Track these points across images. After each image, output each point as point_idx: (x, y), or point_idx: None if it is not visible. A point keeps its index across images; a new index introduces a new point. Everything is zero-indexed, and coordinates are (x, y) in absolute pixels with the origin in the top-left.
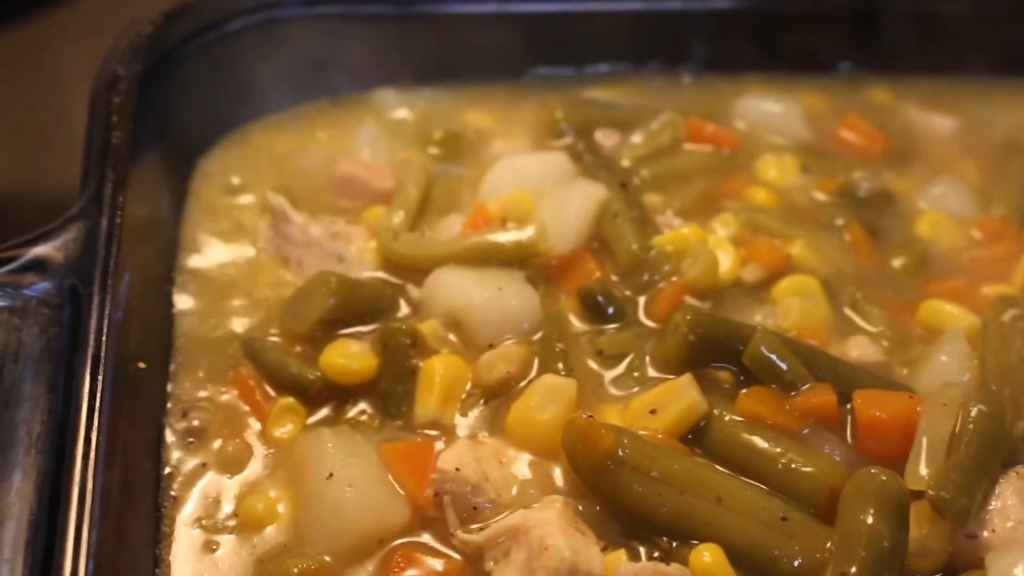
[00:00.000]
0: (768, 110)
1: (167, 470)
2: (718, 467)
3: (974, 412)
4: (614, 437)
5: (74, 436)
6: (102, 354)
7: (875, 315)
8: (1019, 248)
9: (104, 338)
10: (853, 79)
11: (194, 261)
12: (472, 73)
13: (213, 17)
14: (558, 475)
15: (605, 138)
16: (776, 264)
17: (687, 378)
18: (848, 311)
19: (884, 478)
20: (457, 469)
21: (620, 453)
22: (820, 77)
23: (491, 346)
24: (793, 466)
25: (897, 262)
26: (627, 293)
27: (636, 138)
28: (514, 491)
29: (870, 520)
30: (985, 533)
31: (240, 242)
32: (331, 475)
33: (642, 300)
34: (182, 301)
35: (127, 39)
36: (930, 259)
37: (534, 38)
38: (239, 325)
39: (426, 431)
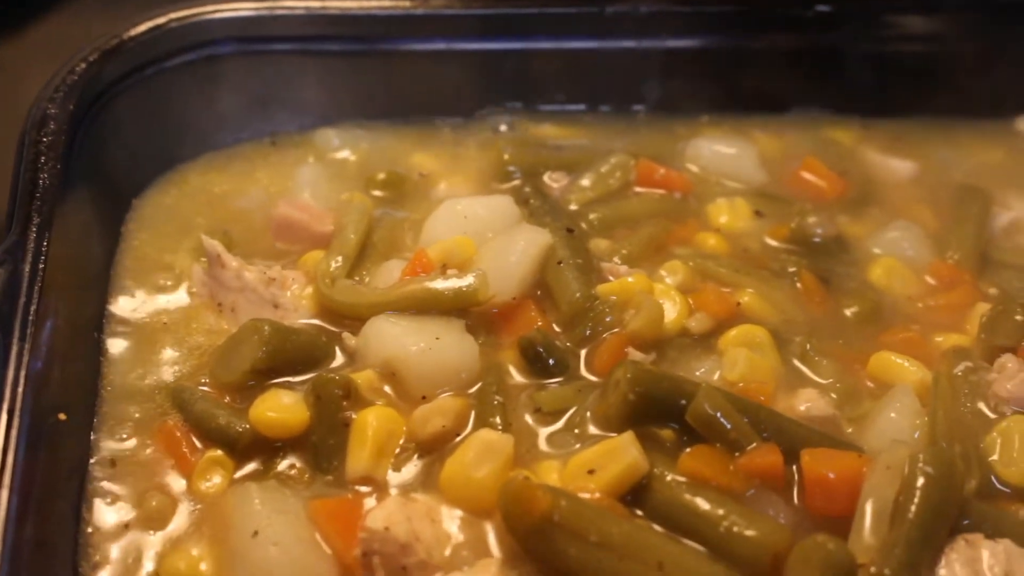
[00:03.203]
0: (721, 152)
1: (88, 529)
2: (659, 530)
3: (920, 477)
4: (551, 499)
5: None
6: (17, 406)
7: (825, 367)
8: (973, 295)
9: (20, 389)
10: (811, 120)
11: (125, 306)
12: (420, 113)
13: (151, 54)
14: (493, 536)
15: (553, 181)
16: (724, 313)
17: (628, 436)
18: (797, 362)
19: (830, 547)
20: (386, 528)
21: (557, 516)
22: (776, 118)
23: (425, 398)
24: (736, 529)
25: (850, 311)
26: (568, 344)
27: (585, 181)
28: (447, 552)
29: None
30: None
31: (173, 287)
32: (256, 533)
33: (584, 352)
34: (111, 347)
35: (60, 76)
36: (883, 308)
37: (484, 76)
38: (169, 374)
39: (358, 487)
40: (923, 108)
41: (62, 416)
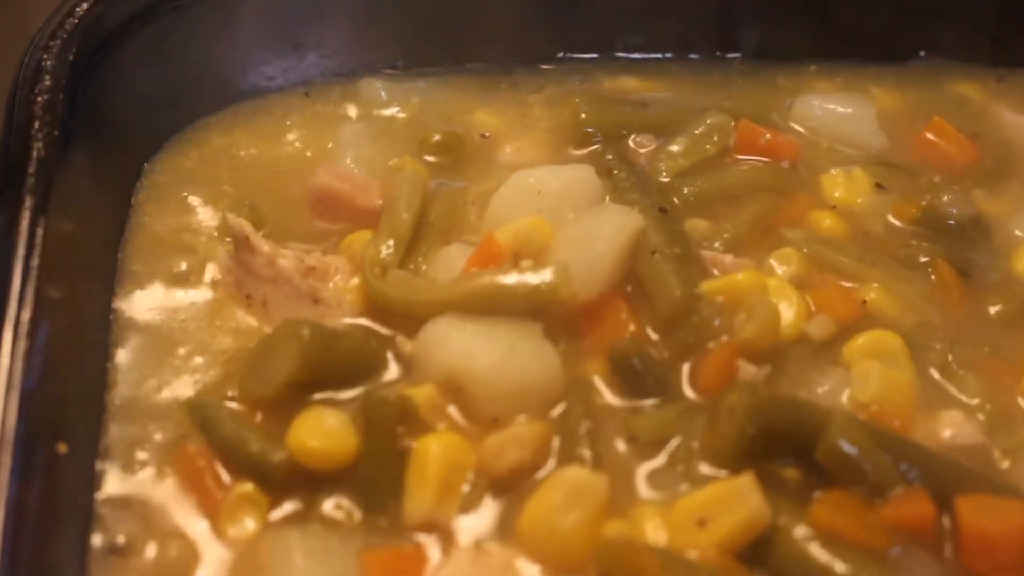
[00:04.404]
0: (835, 112)
1: None
2: None
3: None
4: (660, 565)
5: None
6: (6, 437)
7: (970, 382)
8: None
9: (12, 417)
10: (936, 72)
11: (135, 301)
12: (479, 61)
13: None
14: None
15: (639, 146)
16: (850, 315)
17: (748, 480)
18: (936, 374)
19: None
20: None
21: None
22: (895, 69)
23: (496, 421)
24: None
25: (994, 309)
26: (666, 355)
27: (675, 147)
28: None
29: None
30: None
31: (193, 277)
32: None
33: (687, 367)
34: (119, 354)
35: (56, 20)
36: None
37: (554, 18)
38: (188, 386)
39: (418, 533)
40: None
41: (62, 448)
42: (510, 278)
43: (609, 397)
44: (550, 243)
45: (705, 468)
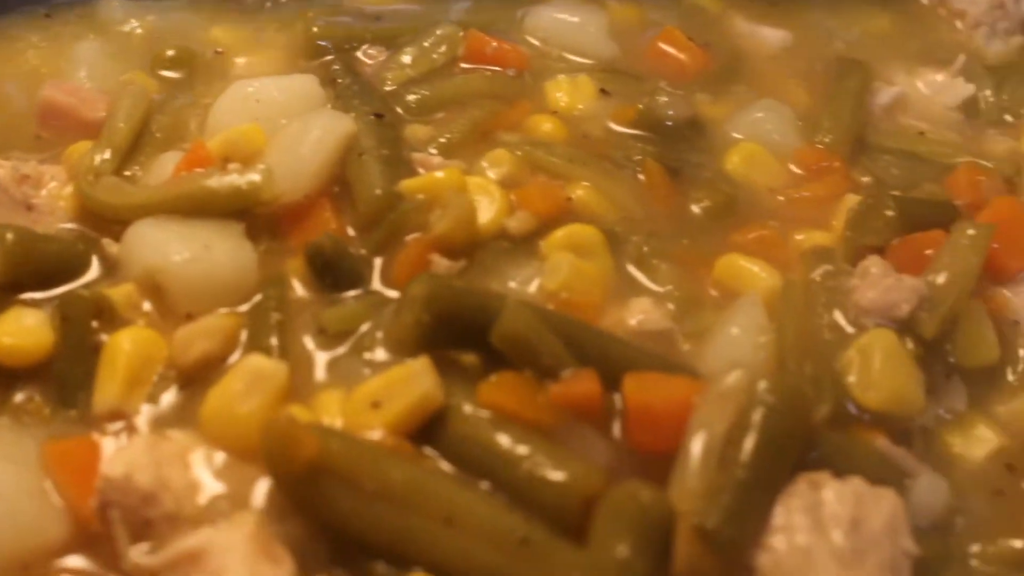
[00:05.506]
0: (565, 21)
1: None
2: (452, 476)
3: (759, 408)
4: (319, 441)
5: None
6: None
7: (664, 272)
8: (843, 186)
9: None
10: None
11: None
12: None
13: None
14: (259, 484)
15: (369, 57)
16: (552, 211)
17: (421, 363)
18: (632, 268)
19: (644, 498)
20: (127, 475)
21: (326, 461)
22: None
23: (191, 317)
24: (539, 473)
25: (699, 206)
26: (364, 252)
27: (405, 57)
28: (202, 502)
29: (623, 551)
30: (764, 560)
31: None
32: None
33: (380, 261)
34: None
35: None
36: (738, 202)
37: None
38: None
39: (106, 423)
40: None
41: None
42: (214, 181)
43: (304, 292)
44: (262, 149)
45: (388, 357)
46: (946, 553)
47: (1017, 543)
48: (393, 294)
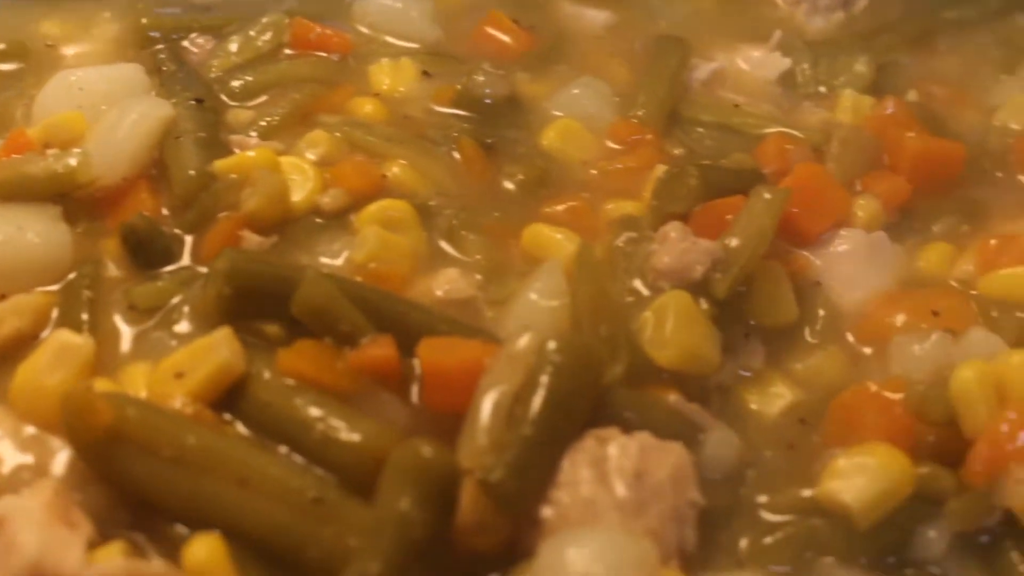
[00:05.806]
0: (390, 8)
1: None
2: (249, 441)
3: (547, 367)
4: (115, 409)
5: None
6: None
7: (472, 243)
8: (655, 158)
9: None
10: None
11: None
12: None
13: None
14: (63, 454)
15: (196, 46)
16: (366, 188)
17: (220, 334)
18: (442, 241)
19: (426, 453)
20: None
21: (124, 428)
22: None
23: (2, 297)
24: (333, 434)
25: (512, 181)
26: (177, 231)
27: (232, 45)
28: (5, 472)
29: (404, 504)
30: (549, 512)
31: None
32: None
33: (190, 239)
34: None
35: None
36: (551, 175)
37: None
38: None
39: None
40: None
41: None
42: (31, 165)
43: (118, 271)
44: (84, 135)
45: (194, 330)
46: (735, 503)
47: (806, 492)
48: (204, 270)
